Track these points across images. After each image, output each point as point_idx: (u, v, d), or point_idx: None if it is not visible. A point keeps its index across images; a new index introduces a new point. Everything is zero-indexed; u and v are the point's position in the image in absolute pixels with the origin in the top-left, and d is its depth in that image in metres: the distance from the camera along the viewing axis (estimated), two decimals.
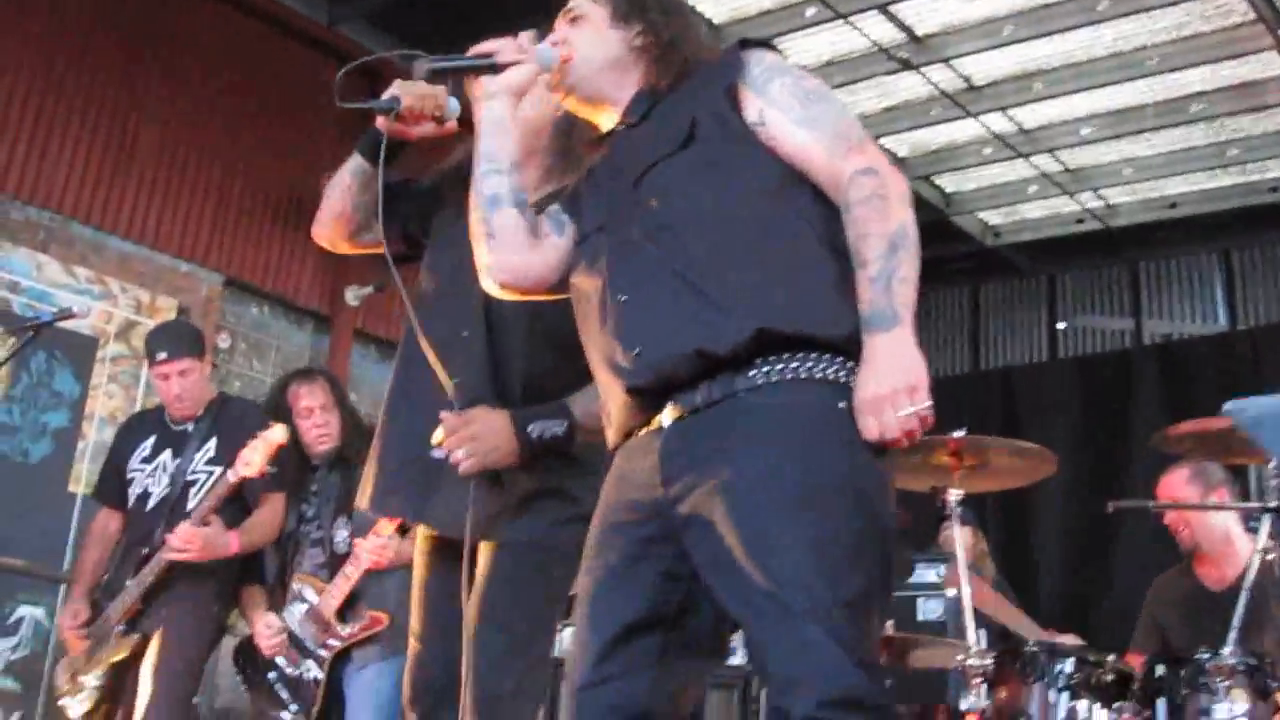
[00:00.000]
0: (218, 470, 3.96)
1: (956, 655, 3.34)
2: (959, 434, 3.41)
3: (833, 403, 1.83)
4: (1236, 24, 5.79)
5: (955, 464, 3.47)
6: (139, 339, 5.40)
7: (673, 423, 1.91)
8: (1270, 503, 3.12)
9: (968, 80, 6.41)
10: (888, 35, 6.03)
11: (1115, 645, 3.77)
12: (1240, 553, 3.97)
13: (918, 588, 4.57)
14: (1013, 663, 3.25)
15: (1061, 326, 8.35)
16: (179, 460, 4.03)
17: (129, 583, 3.89)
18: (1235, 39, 5.88)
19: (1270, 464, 3.15)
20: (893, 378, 1.79)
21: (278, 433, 3.80)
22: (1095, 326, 8.24)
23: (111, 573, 4.06)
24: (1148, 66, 6.13)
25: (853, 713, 1.70)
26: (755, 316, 1.84)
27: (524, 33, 2.20)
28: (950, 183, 7.54)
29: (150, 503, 4.02)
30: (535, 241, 2.13)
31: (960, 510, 3.51)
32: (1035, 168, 7.12)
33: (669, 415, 1.92)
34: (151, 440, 4.11)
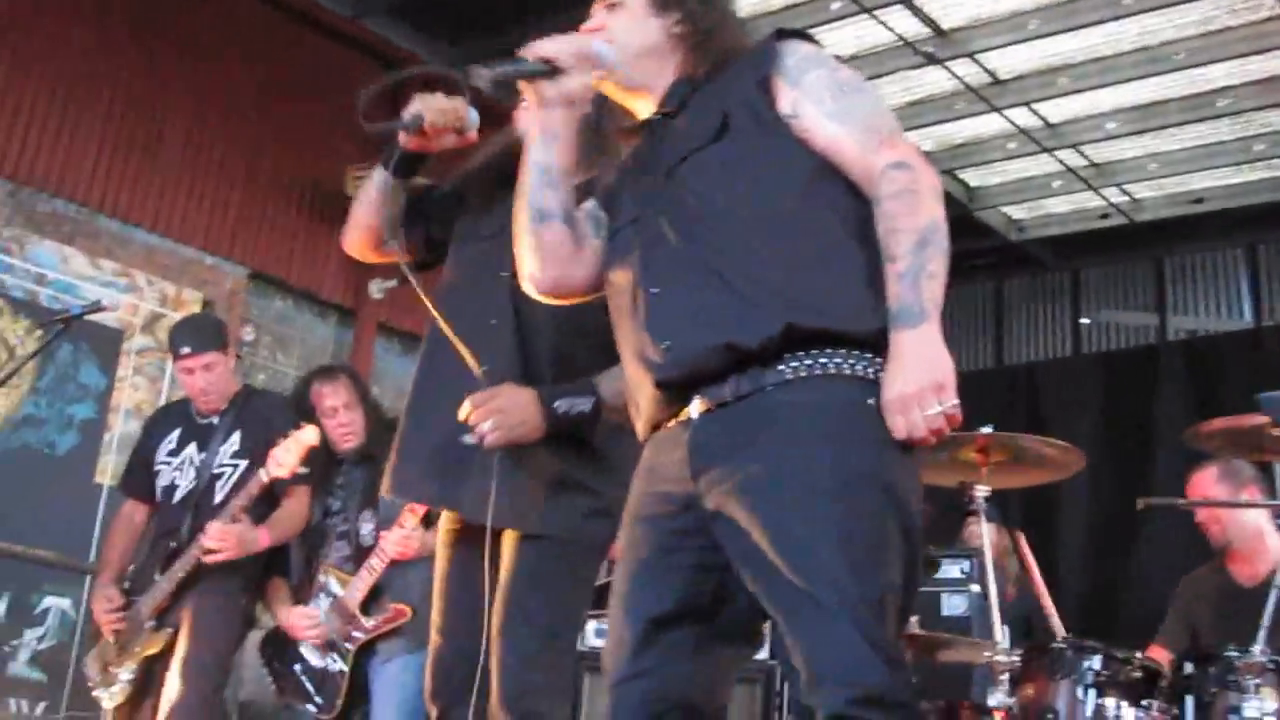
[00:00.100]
0: (243, 463, 3.99)
1: (983, 651, 3.33)
2: (986, 430, 3.40)
3: (861, 399, 1.82)
4: (1264, 18, 5.74)
5: (982, 460, 3.46)
6: (164, 331, 5.42)
7: (701, 415, 1.91)
8: None
9: (992, 74, 6.38)
10: (912, 29, 6.00)
11: (1141, 642, 3.76)
12: (1273, 549, 3.97)
13: (941, 583, 4.56)
14: (1040, 659, 3.23)
15: (1085, 322, 8.29)
16: (204, 454, 4.05)
17: (158, 578, 3.91)
18: (1262, 33, 5.82)
19: None
20: (920, 376, 1.78)
21: (309, 434, 3.83)
22: (1119, 322, 8.18)
23: (139, 564, 4.09)
24: (1174, 61, 6.07)
25: (881, 710, 1.70)
26: (785, 311, 1.83)
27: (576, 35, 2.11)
28: (974, 177, 7.50)
29: (177, 495, 4.05)
30: (578, 251, 2.12)
31: (986, 506, 3.50)
32: (1060, 162, 7.07)
33: (697, 408, 1.91)
34: (177, 433, 4.13)
